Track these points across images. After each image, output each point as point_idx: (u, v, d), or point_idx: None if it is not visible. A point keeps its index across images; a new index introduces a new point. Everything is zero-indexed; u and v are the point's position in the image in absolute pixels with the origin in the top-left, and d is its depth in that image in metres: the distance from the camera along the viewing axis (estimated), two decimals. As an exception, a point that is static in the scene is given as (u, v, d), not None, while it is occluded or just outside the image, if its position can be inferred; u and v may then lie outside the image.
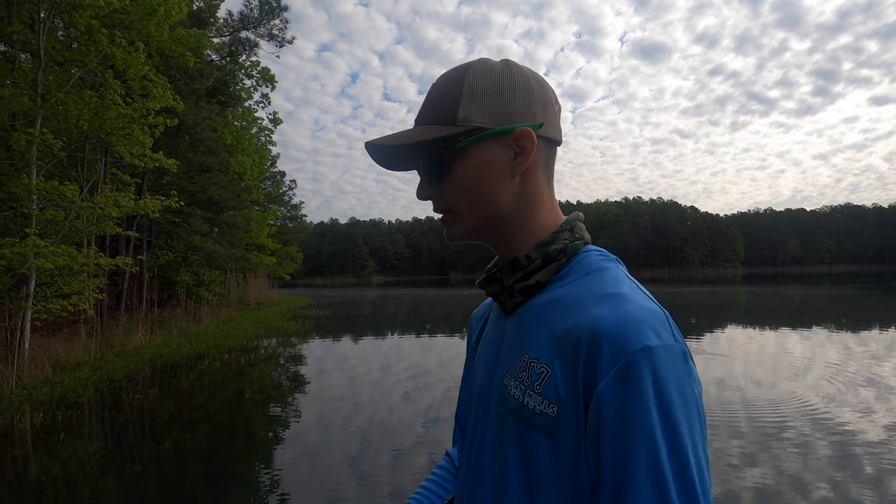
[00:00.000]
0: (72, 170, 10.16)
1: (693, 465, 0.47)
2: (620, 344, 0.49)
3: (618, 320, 0.51)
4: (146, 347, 10.30)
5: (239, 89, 21.44)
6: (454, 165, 0.64)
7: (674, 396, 0.48)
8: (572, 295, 0.59)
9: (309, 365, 9.40)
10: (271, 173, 32.52)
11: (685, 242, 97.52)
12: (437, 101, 0.65)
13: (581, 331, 0.53)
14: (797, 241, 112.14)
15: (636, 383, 0.47)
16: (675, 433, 0.47)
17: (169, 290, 17.93)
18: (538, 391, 0.55)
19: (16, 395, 6.57)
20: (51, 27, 8.73)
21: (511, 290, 0.65)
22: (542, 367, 0.56)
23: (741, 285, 39.24)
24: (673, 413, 0.47)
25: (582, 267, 0.63)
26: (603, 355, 0.50)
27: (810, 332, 11.68)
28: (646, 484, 0.46)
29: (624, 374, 0.48)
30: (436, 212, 0.68)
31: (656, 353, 0.49)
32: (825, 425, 4.98)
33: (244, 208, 20.38)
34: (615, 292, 0.56)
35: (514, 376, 0.60)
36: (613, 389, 0.48)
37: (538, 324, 0.60)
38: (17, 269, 7.34)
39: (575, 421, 0.52)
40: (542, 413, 0.54)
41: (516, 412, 0.58)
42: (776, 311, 18.24)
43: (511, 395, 0.59)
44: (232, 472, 4.29)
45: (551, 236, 0.65)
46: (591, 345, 0.51)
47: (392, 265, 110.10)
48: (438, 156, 0.64)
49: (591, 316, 0.54)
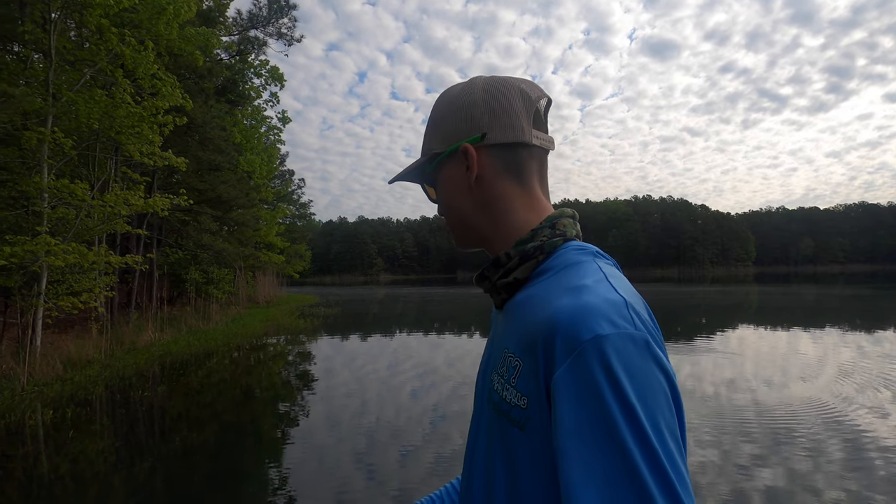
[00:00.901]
0: (83, 168, 10.24)
1: (657, 447, 0.44)
2: (572, 334, 0.50)
3: (572, 311, 0.52)
4: (156, 345, 10.38)
5: (248, 88, 21.54)
6: (435, 187, 0.76)
7: (626, 383, 0.46)
8: (544, 290, 0.60)
9: (317, 363, 9.43)
10: (280, 172, 32.69)
11: (695, 241, 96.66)
12: (439, 124, 0.73)
13: (540, 324, 0.54)
14: (810, 240, 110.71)
15: (587, 372, 0.47)
16: (632, 417, 0.45)
17: (179, 288, 18.07)
18: (513, 384, 0.57)
19: (27, 391, 6.63)
20: (63, 27, 8.81)
21: (496, 287, 0.68)
22: (517, 361, 0.57)
23: (752, 285, 38.84)
24: (627, 398, 0.46)
25: (559, 263, 0.64)
26: (557, 347, 0.51)
27: (823, 333, 11.51)
28: (601, 473, 0.44)
29: (575, 363, 0.48)
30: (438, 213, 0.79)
31: (608, 340, 0.48)
32: (838, 427, 4.90)
33: (253, 207, 20.48)
34: (578, 284, 0.56)
35: (497, 372, 0.62)
36: (566, 380, 0.49)
37: (515, 319, 0.62)
38: (28, 267, 7.41)
39: (541, 413, 0.53)
40: (516, 406, 0.56)
41: (497, 406, 0.60)
42: (788, 311, 18.01)
43: (495, 391, 0.61)
44: (240, 470, 4.30)
45: (530, 234, 0.66)
46: (547, 337, 0.52)
47: (400, 264, 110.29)
48: (423, 183, 0.80)
49: (551, 309, 0.55)
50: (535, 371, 0.54)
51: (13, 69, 8.92)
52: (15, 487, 3.93)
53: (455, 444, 4.62)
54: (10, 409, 5.88)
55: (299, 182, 38.04)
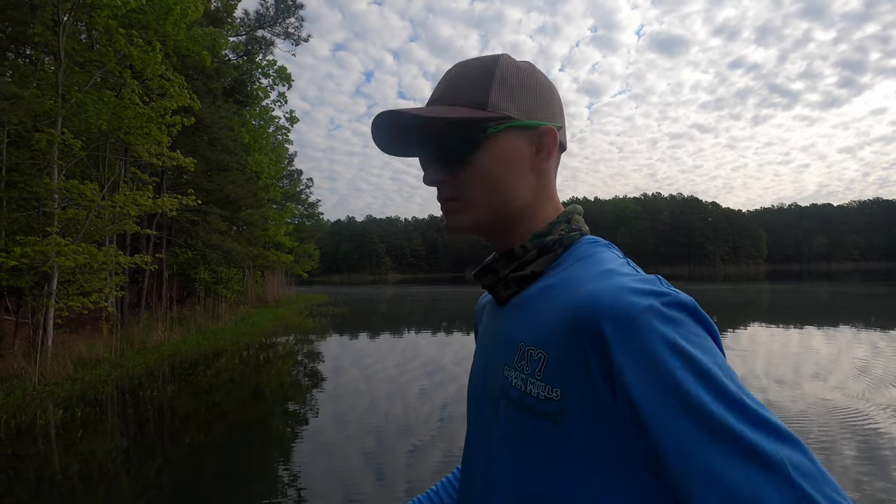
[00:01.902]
0: (93, 169, 10.32)
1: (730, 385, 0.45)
2: (621, 312, 0.49)
3: (612, 292, 0.51)
4: (165, 344, 10.44)
5: (256, 88, 21.62)
6: (477, 152, 0.63)
7: (686, 344, 0.46)
8: (564, 280, 0.60)
9: (326, 362, 9.43)
10: (288, 172, 32.82)
11: (706, 239, 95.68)
12: (462, 83, 0.64)
13: (574, 310, 0.53)
14: (823, 237, 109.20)
15: (648, 346, 0.47)
16: (708, 375, 0.45)
17: (188, 288, 18.19)
18: (538, 377, 0.55)
19: (38, 391, 6.68)
20: (73, 30, 8.87)
21: (506, 281, 0.66)
22: (540, 353, 0.56)
23: (764, 283, 38.41)
24: (696, 359, 0.45)
25: (574, 255, 0.64)
26: (606, 329, 0.49)
27: (836, 331, 11.32)
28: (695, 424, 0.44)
29: (633, 340, 0.47)
30: (441, 198, 0.67)
31: (659, 311, 0.48)
32: (852, 425, 4.80)
33: (262, 206, 20.56)
34: (605, 269, 0.57)
35: (513, 367, 0.60)
36: (629, 360, 0.47)
37: (532, 312, 0.61)
38: (39, 268, 7.47)
39: (582, 401, 0.51)
40: (547, 399, 0.54)
41: (519, 402, 0.57)
42: (801, 308, 17.76)
43: (513, 386, 0.59)
44: (250, 469, 4.30)
45: (547, 227, 0.66)
46: (589, 322, 0.51)
47: (408, 263, 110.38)
48: (463, 139, 0.63)
49: (583, 294, 0.53)
50: (577, 358, 0.52)
51: (24, 71, 9.00)
52: (24, 487, 3.95)
53: (463, 442, 4.58)
54: (22, 409, 5.93)
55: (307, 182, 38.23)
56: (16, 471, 4.25)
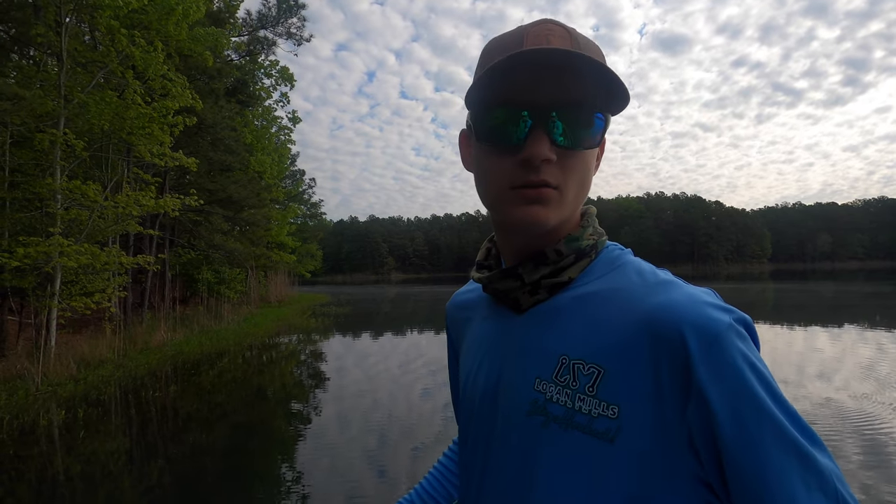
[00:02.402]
0: (96, 170, 10.34)
1: (796, 413, 0.48)
2: (706, 326, 0.48)
3: (693, 305, 0.50)
4: (168, 345, 10.44)
5: (258, 88, 21.65)
6: (597, 134, 0.56)
7: (758, 363, 0.49)
8: (613, 289, 0.56)
9: (328, 362, 9.42)
10: (291, 172, 32.85)
11: (709, 238, 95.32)
12: (590, 46, 0.56)
13: (651, 322, 0.50)
14: (828, 235, 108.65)
15: (732, 362, 0.47)
16: (776, 394, 0.48)
17: (191, 288, 18.22)
18: (591, 394, 0.52)
19: (41, 391, 6.69)
20: (76, 31, 8.89)
21: (535, 287, 0.60)
22: (592, 368, 0.53)
23: (768, 282, 38.25)
24: (767, 378, 0.48)
25: (606, 262, 0.61)
26: (690, 343, 0.48)
27: (841, 331, 11.25)
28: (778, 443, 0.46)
29: (719, 355, 0.47)
30: (534, 182, 0.54)
31: (736, 328, 0.49)
32: (856, 425, 4.76)
33: (264, 207, 20.55)
34: (663, 280, 0.55)
35: (551, 381, 0.55)
36: (713, 374, 0.47)
37: (575, 322, 0.56)
38: (42, 268, 7.47)
39: (644, 418, 0.49)
40: (601, 416, 0.51)
41: (565, 419, 0.53)
42: (805, 308, 17.67)
43: (554, 402, 0.55)
44: (252, 469, 4.30)
45: (580, 231, 0.61)
46: (671, 333, 0.49)
47: (411, 262, 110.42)
48: (597, 112, 0.55)
49: (656, 305, 0.51)
50: (642, 373, 0.50)
51: (28, 72, 9.02)
52: (26, 489, 3.94)
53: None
54: (24, 410, 5.93)
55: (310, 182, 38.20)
56: (18, 472, 4.25)
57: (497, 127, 0.55)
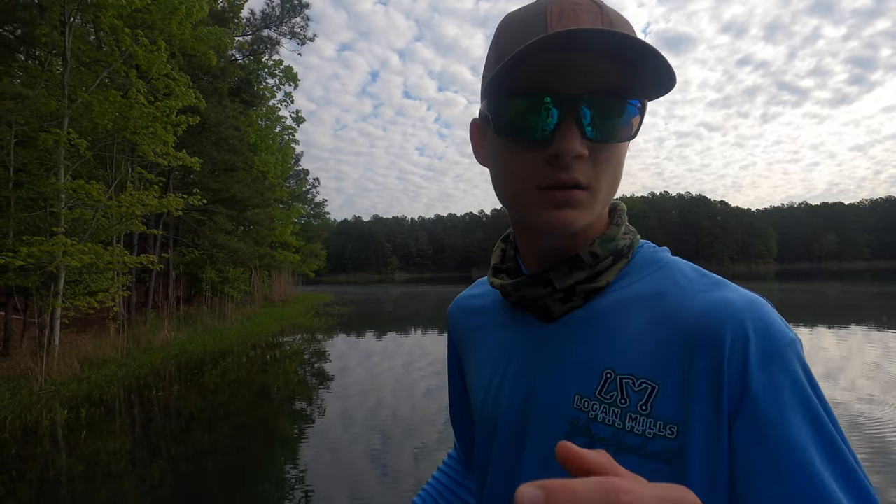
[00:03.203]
0: (100, 169, 10.36)
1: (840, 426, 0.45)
2: (769, 337, 0.45)
3: (750, 306, 0.47)
4: (172, 344, 10.45)
5: (262, 88, 21.69)
6: (633, 123, 0.49)
7: (816, 382, 0.46)
8: (657, 292, 0.51)
9: (332, 361, 9.40)
10: (295, 171, 32.91)
11: (714, 238, 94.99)
12: (624, 23, 0.48)
13: (706, 323, 0.46)
14: (834, 235, 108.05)
15: (796, 377, 0.44)
16: (833, 419, 0.44)
17: (195, 288, 18.27)
18: (645, 412, 0.47)
19: (44, 391, 6.69)
20: (81, 31, 8.91)
21: (568, 293, 0.54)
22: (644, 384, 0.47)
23: (774, 282, 38.02)
24: (825, 401, 0.45)
25: (645, 262, 0.56)
26: (751, 348, 0.44)
27: (848, 332, 11.14)
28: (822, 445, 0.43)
29: (782, 369, 0.44)
30: (562, 182, 0.48)
31: (797, 343, 0.47)
32: (862, 427, 4.70)
33: (268, 206, 20.60)
34: (715, 279, 0.51)
35: (595, 398, 0.50)
36: (769, 387, 0.44)
37: (618, 331, 0.51)
38: (45, 267, 7.49)
39: (706, 435, 0.44)
40: (657, 437, 0.46)
41: (614, 440, 0.48)
42: (811, 308, 17.53)
43: (600, 421, 0.49)
44: (255, 468, 4.28)
45: (615, 229, 0.56)
46: (734, 340, 0.45)
47: (415, 262, 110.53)
48: (632, 99, 0.48)
49: (708, 304, 0.48)
50: (705, 387, 0.45)
51: (33, 72, 9.04)
52: (26, 489, 3.93)
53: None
54: (27, 409, 5.93)
55: (314, 181, 38.31)
56: (19, 472, 4.24)
57: (519, 118, 0.48)
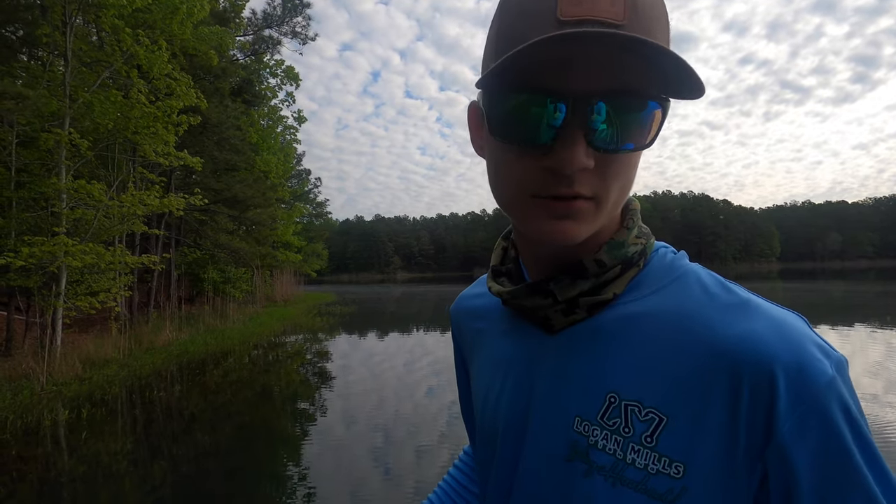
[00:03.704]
0: (102, 169, 10.37)
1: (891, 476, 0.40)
2: (800, 376, 0.39)
3: (781, 341, 0.40)
4: (174, 344, 10.44)
5: (264, 88, 21.69)
6: (650, 129, 0.42)
7: (860, 420, 0.40)
8: (672, 309, 0.46)
9: (334, 361, 9.39)
10: (297, 171, 32.95)
11: (717, 237, 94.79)
12: (659, 26, 0.41)
13: (730, 359, 0.41)
14: (837, 234, 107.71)
15: (832, 424, 0.39)
16: (870, 446, 0.39)
17: (197, 288, 18.28)
18: (649, 445, 0.43)
19: (46, 391, 6.69)
20: (84, 31, 8.91)
21: (570, 305, 0.48)
22: (651, 414, 0.43)
23: (777, 281, 37.92)
24: (868, 440, 0.39)
25: (659, 271, 0.50)
26: (779, 392, 0.39)
27: (851, 330, 11.08)
28: None
29: (814, 416, 0.39)
30: (563, 194, 0.42)
31: (839, 380, 0.40)
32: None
33: (270, 206, 20.60)
34: (741, 299, 0.45)
35: (596, 423, 0.46)
36: (801, 434, 0.39)
37: (625, 351, 0.46)
38: (46, 268, 7.48)
39: (714, 476, 0.41)
40: (661, 474, 0.42)
41: (613, 472, 0.44)
42: (814, 307, 17.46)
43: (600, 448, 0.45)
44: (257, 468, 4.28)
45: (625, 233, 0.50)
46: (754, 377, 0.40)
47: (417, 262, 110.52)
48: (651, 101, 0.41)
49: (733, 336, 0.42)
50: (720, 423, 0.41)
51: (34, 72, 9.05)
52: (27, 490, 3.92)
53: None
54: (29, 409, 5.92)
55: (316, 181, 38.36)
56: (19, 473, 4.23)
57: (515, 120, 0.41)
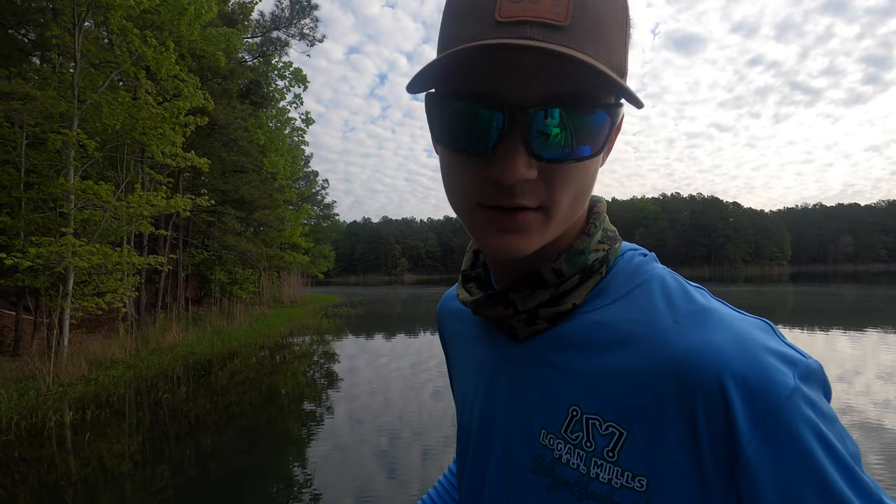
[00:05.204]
0: (109, 170, 10.41)
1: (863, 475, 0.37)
2: (756, 389, 0.37)
3: (735, 351, 0.38)
4: (180, 345, 10.45)
5: (271, 90, 21.75)
6: (599, 136, 0.40)
7: (828, 433, 0.37)
8: (633, 319, 0.43)
9: (340, 362, 9.37)
10: (304, 173, 33.04)
11: (727, 240, 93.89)
12: (610, 29, 0.39)
13: (683, 372, 0.39)
14: (850, 237, 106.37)
15: (797, 440, 0.36)
16: (842, 460, 0.37)
17: (204, 289, 18.33)
18: (611, 459, 0.41)
19: (52, 391, 6.68)
20: (95, 34, 8.95)
21: (531, 316, 0.47)
22: (612, 428, 0.42)
23: (788, 284, 37.48)
24: (839, 452, 0.37)
25: (623, 277, 0.47)
26: (733, 403, 0.37)
27: (863, 335, 10.86)
28: None
29: (777, 430, 0.36)
30: (508, 205, 0.40)
31: (802, 393, 0.37)
32: (876, 433, 4.57)
33: (277, 207, 20.63)
34: (701, 307, 0.42)
35: (560, 436, 0.44)
36: (765, 450, 0.36)
37: (585, 363, 0.44)
38: (53, 268, 7.50)
39: (677, 489, 0.39)
40: (625, 488, 0.40)
41: (578, 486, 0.43)
42: (826, 311, 17.19)
43: (564, 463, 0.44)
44: (263, 469, 4.26)
45: (585, 240, 0.47)
46: (705, 390, 0.38)
47: (424, 263, 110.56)
48: (599, 109, 0.38)
49: (687, 348, 0.39)
50: (680, 438, 0.39)
51: (44, 74, 9.10)
52: (28, 492, 3.89)
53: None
54: (34, 410, 5.91)
55: (323, 183, 38.46)
56: (21, 475, 4.20)
57: (456, 127, 0.40)
